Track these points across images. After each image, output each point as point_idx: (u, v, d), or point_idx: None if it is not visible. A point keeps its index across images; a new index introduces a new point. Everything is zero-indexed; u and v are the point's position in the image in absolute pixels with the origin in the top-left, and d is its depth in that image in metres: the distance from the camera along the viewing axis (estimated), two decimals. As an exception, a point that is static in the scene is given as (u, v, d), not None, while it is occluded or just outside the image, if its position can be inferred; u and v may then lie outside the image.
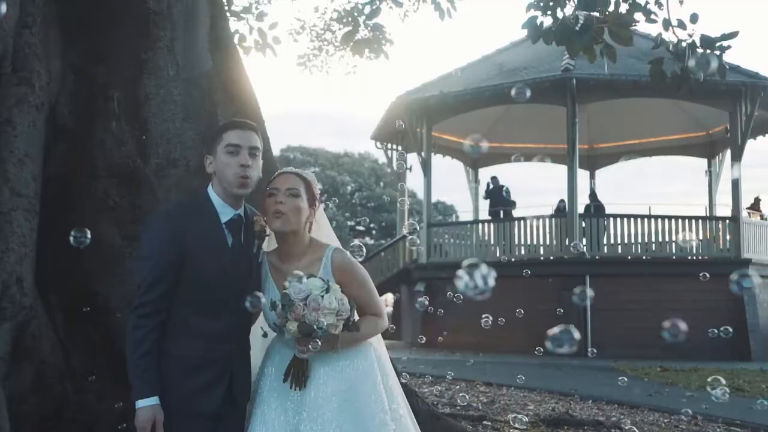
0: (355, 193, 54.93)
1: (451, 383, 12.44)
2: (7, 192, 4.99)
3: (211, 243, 3.42)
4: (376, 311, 3.65)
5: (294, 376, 3.47)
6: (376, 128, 23.96)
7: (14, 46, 5.18)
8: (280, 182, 3.57)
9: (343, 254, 3.61)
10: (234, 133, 3.50)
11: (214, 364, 3.40)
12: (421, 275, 21.39)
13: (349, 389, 3.48)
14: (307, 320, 3.29)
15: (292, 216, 3.49)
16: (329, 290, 3.36)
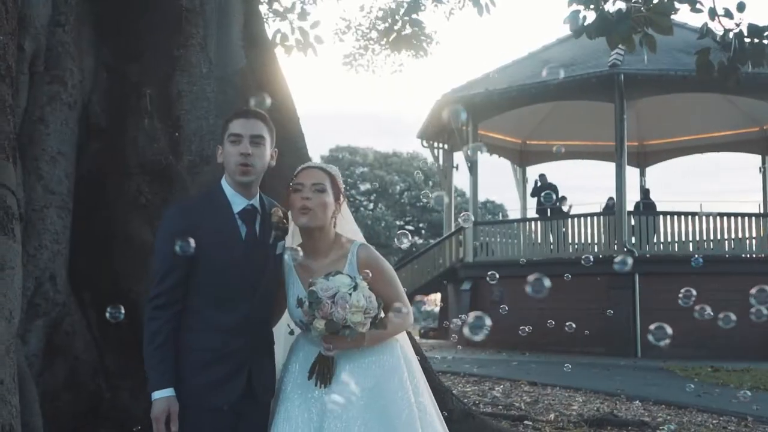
0: (404, 192, 54.79)
1: (495, 382, 12.32)
2: (40, 190, 5.03)
3: (223, 234, 3.40)
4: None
5: (319, 373, 3.42)
6: (421, 126, 23.86)
7: (47, 45, 5.22)
8: (305, 177, 3.51)
9: (369, 250, 3.56)
10: (237, 122, 3.48)
11: (231, 357, 3.36)
12: (467, 274, 21.25)
13: (375, 386, 3.41)
14: (334, 318, 3.24)
15: (318, 211, 3.44)
16: (357, 288, 3.30)
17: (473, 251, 21.31)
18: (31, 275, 4.96)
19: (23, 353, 4.88)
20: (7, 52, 4.40)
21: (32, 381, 4.84)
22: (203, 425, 3.36)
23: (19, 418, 3.86)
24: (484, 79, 21.86)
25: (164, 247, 3.35)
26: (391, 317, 3.48)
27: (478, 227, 21.68)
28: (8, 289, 3.79)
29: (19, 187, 4.87)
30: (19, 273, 3.91)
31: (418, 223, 54.36)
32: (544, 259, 20.28)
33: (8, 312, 3.75)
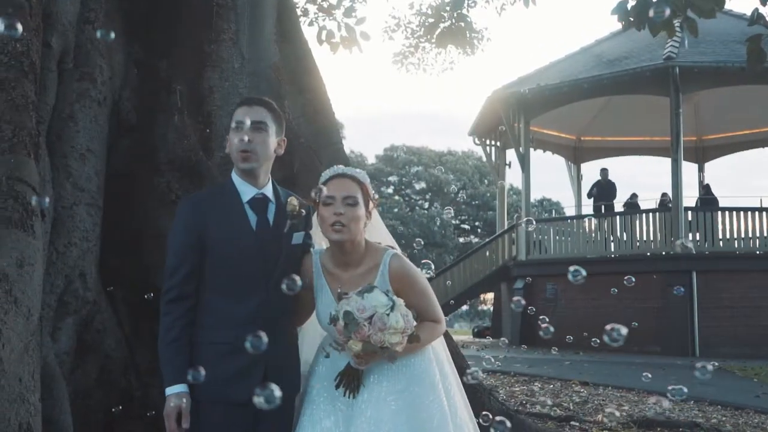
0: (460, 191, 54.57)
1: (546, 382, 12.08)
2: (69, 187, 5.01)
3: (232, 224, 3.35)
4: (434, 317, 3.44)
5: (347, 384, 3.30)
6: (473, 124, 23.63)
7: (76, 42, 5.20)
8: (335, 188, 3.37)
9: (401, 260, 3.41)
10: (241, 109, 3.47)
11: (246, 350, 3.27)
12: (520, 272, 20.97)
13: (405, 389, 3.29)
14: (372, 341, 3.12)
15: (351, 226, 3.30)
16: (394, 307, 3.16)
17: (526, 249, 21.03)
18: (61, 273, 4.96)
19: (53, 351, 4.88)
20: (31, 48, 4.38)
21: (62, 379, 4.82)
22: (220, 421, 3.29)
23: (39, 416, 3.83)
24: (536, 74, 21.57)
25: (175, 241, 3.32)
26: (422, 327, 3.36)
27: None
28: (27, 286, 3.76)
29: (48, 184, 4.88)
30: (39, 270, 3.88)
31: (474, 221, 54.09)
32: (599, 257, 19.92)
33: (26, 309, 3.71)
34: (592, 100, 20.90)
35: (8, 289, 3.63)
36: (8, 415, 3.53)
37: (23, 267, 3.75)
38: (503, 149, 23.92)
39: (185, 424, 3.24)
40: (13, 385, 3.60)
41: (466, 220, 54.54)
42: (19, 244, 3.80)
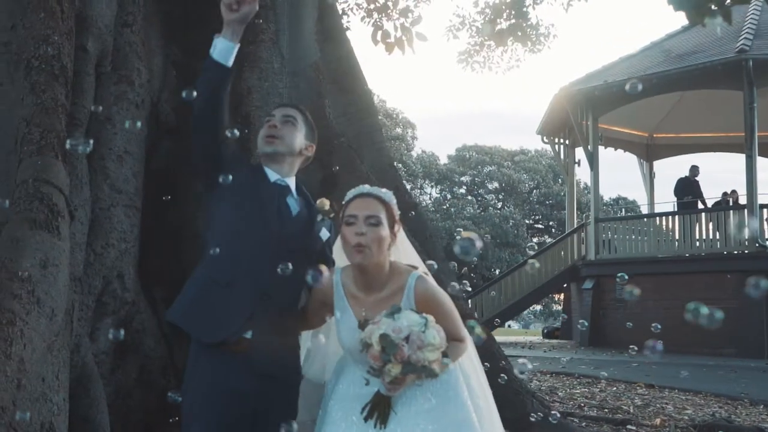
0: (533, 190, 54.01)
1: (609, 384, 11.80)
2: (106, 189, 5.07)
3: (257, 183, 3.43)
4: (458, 337, 3.33)
5: (379, 414, 3.17)
6: (541, 122, 23.28)
7: (114, 45, 5.27)
8: (357, 208, 3.27)
9: (426, 282, 3.30)
10: (275, 110, 3.63)
11: (235, 294, 3.27)
12: (589, 272, 20.59)
13: (435, 408, 3.19)
14: (412, 361, 3.00)
15: (374, 248, 3.19)
16: (428, 324, 3.07)
17: (595, 249, 20.63)
18: (99, 274, 5.02)
19: (91, 351, 4.95)
20: (62, 52, 4.43)
21: (99, 379, 4.88)
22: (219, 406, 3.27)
23: (63, 416, 3.86)
24: (604, 71, 21.13)
25: None
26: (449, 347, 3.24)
27: (600, 224, 20.97)
28: (51, 286, 3.80)
29: (85, 186, 4.94)
30: (63, 271, 3.92)
31: (547, 221, 53.46)
32: (671, 256, 19.42)
33: (50, 310, 3.75)
34: (664, 97, 20.34)
35: (31, 290, 3.67)
36: (30, 414, 3.57)
37: (47, 268, 3.79)
38: (572, 147, 23.50)
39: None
40: (35, 384, 3.64)
41: (540, 219, 53.92)
42: (44, 245, 3.84)
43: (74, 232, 4.78)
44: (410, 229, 6.09)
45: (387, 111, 50.36)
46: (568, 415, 8.11)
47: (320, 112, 5.95)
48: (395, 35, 10.89)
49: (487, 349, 5.77)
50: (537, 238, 53.32)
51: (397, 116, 50.91)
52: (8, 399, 3.42)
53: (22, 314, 3.59)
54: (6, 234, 3.84)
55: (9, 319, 3.53)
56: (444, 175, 52.33)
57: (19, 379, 3.51)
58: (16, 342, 3.52)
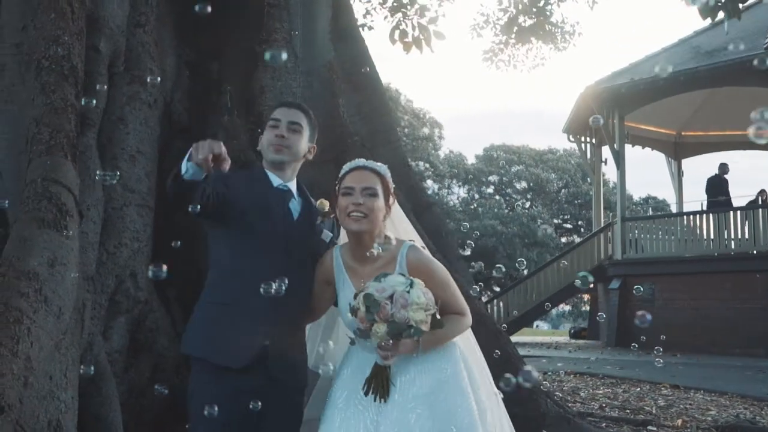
0: (561, 190, 53.70)
1: (633, 385, 11.68)
2: (119, 188, 5.10)
3: (259, 193, 3.46)
4: (458, 309, 3.36)
5: (377, 386, 3.22)
6: (567, 121, 23.11)
7: (127, 45, 5.29)
8: (354, 180, 3.36)
9: (418, 252, 3.36)
10: (279, 110, 3.61)
11: (245, 315, 3.31)
12: (615, 272, 20.41)
13: (433, 393, 3.21)
14: (396, 319, 3.05)
15: (371, 217, 3.28)
16: (413, 285, 3.12)
17: (622, 248, 20.45)
18: (111, 273, 5.05)
19: (105, 350, 4.97)
20: (72, 52, 4.46)
21: (112, 377, 4.91)
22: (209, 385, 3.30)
23: (71, 414, 3.89)
24: (630, 68, 20.92)
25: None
26: (446, 319, 3.27)
27: (626, 223, 20.78)
28: (58, 285, 3.82)
29: (98, 185, 4.96)
30: (71, 269, 3.94)
31: (576, 220, 53.12)
32: (699, 255, 19.19)
33: (57, 308, 3.77)
34: (692, 94, 20.12)
35: (38, 288, 3.70)
36: (37, 412, 3.59)
37: (54, 266, 3.81)
38: (598, 146, 23.32)
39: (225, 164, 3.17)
40: (42, 382, 3.66)
41: (568, 219, 53.58)
42: (52, 244, 3.87)
43: (87, 231, 4.81)
44: (426, 228, 6.07)
45: (414, 111, 50.26)
46: (587, 415, 8.03)
47: (334, 112, 5.94)
48: (413, 34, 10.84)
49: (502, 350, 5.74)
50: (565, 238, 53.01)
51: (424, 116, 50.79)
52: (15, 396, 3.45)
53: (30, 312, 3.62)
54: (14, 233, 3.88)
55: (16, 317, 3.56)
56: (472, 175, 52.17)
57: (26, 377, 3.53)
58: (22, 340, 3.54)
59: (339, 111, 5.96)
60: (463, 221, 44.71)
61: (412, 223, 5.85)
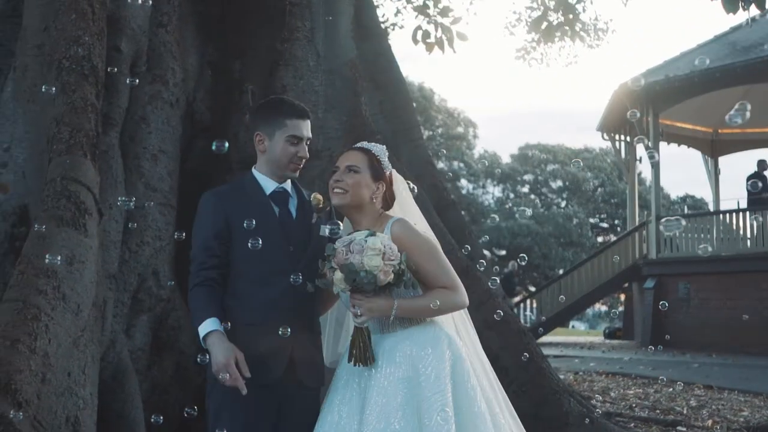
0: (597, 189, 53.27)
1: (666, 385, 11.55)
2: (141, 187, 5.14)
3: (257, 213, 3.40)
4: (445, 283, 3.31)
5: (357, 351, 3.24)
6: (601, 119, 22.88)
7: (149, 45, 5.33)
8: (342, 160, 3.47)
9: (404, 224, 3.36)
10: (297, 123, 3.49)
11: (272, 333, 3.27)
12: (650, 271, 20.17)
13: (414, 378, 3.20)
14: (350, 262, 3.09)
15: (350, 190, 3.34)
16: (375, 235, 3.17)
17: (656, 247, 20.21)
18: (134, 271, 5.10)
19: (127, 348, 5.02)
20: (93, 52, 4.51)
21: (134, 374, 4.96)
22: (244, 402, 3.27)
23: (90, 410, 3.93)
24: (665, 65, 20.67)
25: (201, 233, 3.38)
26: (432, 293, 3.27)
27: (660, 222, 20.51)
28: (76, 283, 3.86)
29: (120, 184, 5.01)
30: (90, 267, 3.98)
31: (613, 219, 52.66)
32: (737, 254, 18.89)
33: (75, 305, 3.82)
34: (729, 90, 19.80)
35: (56, 286, 3.74)
36: (55, 408, 3.63)
37: (73, 264, 3.86)
38: (633, 144, 23.07)
39: (245, 372, 3.18)
40: (60, 379, 3.71)
41: (605, 218, 53.11)
42: (70, 242, 3.91)
43: (109, 230, 4.86)
44: (448, 226, 6.05)
45: (448, 110, 50.15)
46: (616, 415, 7.96)
47: (356, 110, 5.95)
48: (435, 35, 10.78)
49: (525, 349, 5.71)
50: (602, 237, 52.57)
51: (458, 115, 50.67)
52: (32, 392, 3.49)
53: (47, 309, 3.66)
54: (33, 231, 3.92)
55: (34, 314, 3.61)
56: (506, 175, 51.94)
57: (43, 373, 3.58)
58: (40, 337, 3.59)
59: (361, 109, 5.96)
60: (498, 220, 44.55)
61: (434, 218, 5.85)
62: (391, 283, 3.14)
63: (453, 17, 10.03)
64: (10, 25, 4.95)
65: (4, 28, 4.97)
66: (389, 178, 3.48)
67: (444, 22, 10.15)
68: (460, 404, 3.20)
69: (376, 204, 3.42)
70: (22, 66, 4.72)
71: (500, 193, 52.49)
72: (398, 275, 3.13)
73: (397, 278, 3.13)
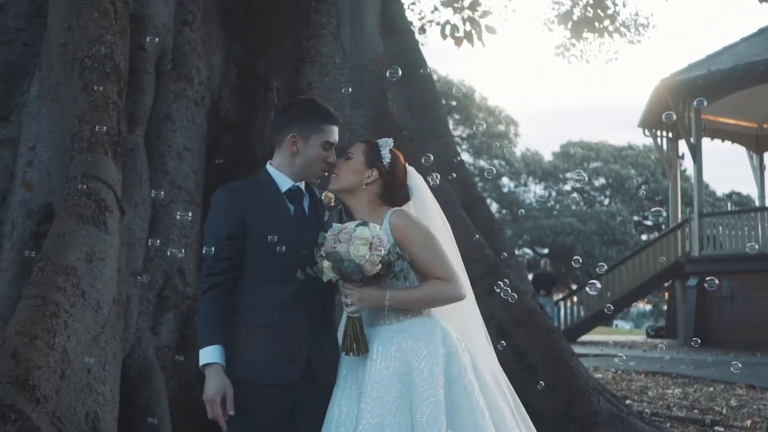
0: (641, 186, 52.66)
1: (707, 385, 11.35)
2: (166, 185, 5.16)
3: (273, 210, 3.37)
4: (441, 275, 3.26)
5: (348, 341, 3.21)
6: (642, 115, 22.59)
7: (174, 43, 5.35)
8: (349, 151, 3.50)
9: (402, 215, 3.33)
10: (333, 130, 3.45)
11: (288, 334, 3.25)
12: (693, 269, 19.85)
13: (407, 373, 3.15)
14: (338, 249, 3.07)
15: (339, 174, 3.37)
16: (366, 224, 3.15)
17: (699, 245, 19.88)
18: (159, 269, 5.12)
19: (153, 345, 5.04)
20: (115, 51, 4.53)
21: (160, 372, 4.97)
22: (258, 404, 3.25)
23: (110, 407, 3.94)
24: (707, 60, 20.34)
25: (213, 231, 3.34)
26: (427, 284, 3.24)
27: (704, 219, 20.18)
28: (96, 280, 3.88)
29: (145, 182, 5.04)
30: (110, 265, 4.00)
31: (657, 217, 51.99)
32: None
33: (95, 302, 3.83)
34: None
35: (76, 283, 3.76)
36: (74, 404, 3.65)
37: (93, 261, 3.88)
38: (675, 140, 22.74)
39: (230, 410, 3.17)
40: (80, 375, 3.72)
41: (649, 216, 52.46)
42: (90, 239, 3.93)
43: (134, 228, 4.89)
44: (476, 223, 6.00)
45: (489, 108, 49.91)
46: (652, 415, 7.84)
47: (383, 106, 5.91)
48: (464, 29, 10.70)
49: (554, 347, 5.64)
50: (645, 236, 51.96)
51: (499, 113, 50.39)
52: (51, 388, 3.51)
53: (67, 306, 3.68)
54: (54, 229, 3.95)
55: (53, 311, 3.63)
56: (548, 173, 51.56)
57: (62, 370, 3.60)
58: (59, 333, 3.61)
59: (388, 106, 5.93)
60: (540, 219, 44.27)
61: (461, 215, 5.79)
62: (381, 274, 3.11)
63: (481, 11, 9.92)
64: (36, 25, 4.98)
65: (30, 28, 5.01)
66: (396, 171, 3.44)
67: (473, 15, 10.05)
68: (457, 400, 3.15)
69: (369, 191, 3.39)
70: (47, 65, 4.75)
71: (542, 191, 52.13)
72: (387, 266, 3.09)
73: (386, 269, 3.09)
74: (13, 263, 4.57)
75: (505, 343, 5.67)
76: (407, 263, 3.19)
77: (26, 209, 4.64)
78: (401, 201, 3.44)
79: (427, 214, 3.51)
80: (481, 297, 5.80)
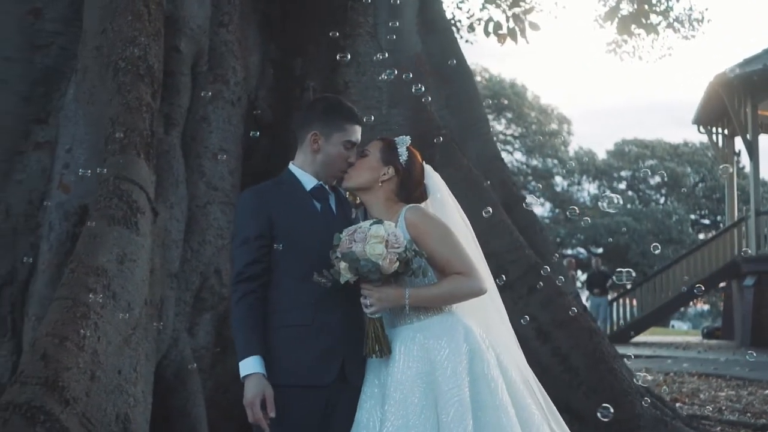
0: (698, 184, 51.76)
1: (761, 387, 11.04)
2: (203, 186, 5.17)
3: (299, 208, 3.33)
4: (459, 269, 3.20)
5: (371, 342, 3.15)
6: (696, 111, 22.16)
7: (210, 45, 5.36)
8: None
9: (417, 210, 3.28)
10: (356, 129, 3.40)
11: (323, 333, 3.21)
12: (750, 268, 19.39)
13: (431, 373, 3.10)
14: (352, 250, 3.02)
15: (353, 172, 3.34)
16: (381, 222, 3.10)
17: (756, 243, 19.41)
18: (196, 270, 5.13)
19: (190, 346, 5.05)
20: (149, 53, 4.54)
21: (196, 373, 4.98)
22: (292, 405, 3.21)
23: (142, 408, 3.94)
24: (764, 54, 19.85)
25: (243, 232, 3.30)
26: (446, 280, 3.18)
27: (761, 217, 19.70)
28: (127, 281, 3.89)
29: (182, 184, 5.05)
30: (141, 266, 4.00)
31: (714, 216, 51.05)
32: None
33: (126, 303, 3.84)
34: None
35: (107, 284, 3.77)
36: (104, 405, 3.65)
37: (124, 263, 3.88)
38: (731, 137, 22.25)
39: (271, 412, 3.10)
40: (110, 376, 3.73)
41: (706, 214, 51.54)
42: (121, 240, 3.94)
43: (170, 229, 4.90)
44: (517, 223, 5.90)
45: (541, 107, 49.53)
46: (702, 418, 7.65)
47: (420, 106, 5.86)
48: (507, 26, 10.59)
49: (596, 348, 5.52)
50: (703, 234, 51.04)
51: (551, 112, 49.96)
52: (81, 390, 3.52)
53: (97, 307, 3.69)
54: (85, 230, 3.97)
55: (83, 312, 3.64)
56: (602, 171, 50.95)
57: (92, 371, 3.60)
58: (89, 334, 3.62)
59: (424, 106, 5.86)
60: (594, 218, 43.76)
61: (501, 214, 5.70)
62: (399, 272, 3.05)
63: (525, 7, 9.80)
64: (73, 28, 5.03)
65: (67, 31, 5.05)
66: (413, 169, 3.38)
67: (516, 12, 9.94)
68: (482, 398, 3.09)
69: (386, 188, 3.35)
70: (82, 68, 4.79)
71: (596, 189, 51.52)
72: (405, 263, 3.03)
73: (405, 266, 3.04)
74: (50, 265, 4.62)
75: (546, 344, 5.60)
76: (425, 260, 3.13)
77: (63, 211, 4.68)
78: (418, 199, 3.38)
79: (446, 213, 3.45)
80: (522, 297, 5.78)
